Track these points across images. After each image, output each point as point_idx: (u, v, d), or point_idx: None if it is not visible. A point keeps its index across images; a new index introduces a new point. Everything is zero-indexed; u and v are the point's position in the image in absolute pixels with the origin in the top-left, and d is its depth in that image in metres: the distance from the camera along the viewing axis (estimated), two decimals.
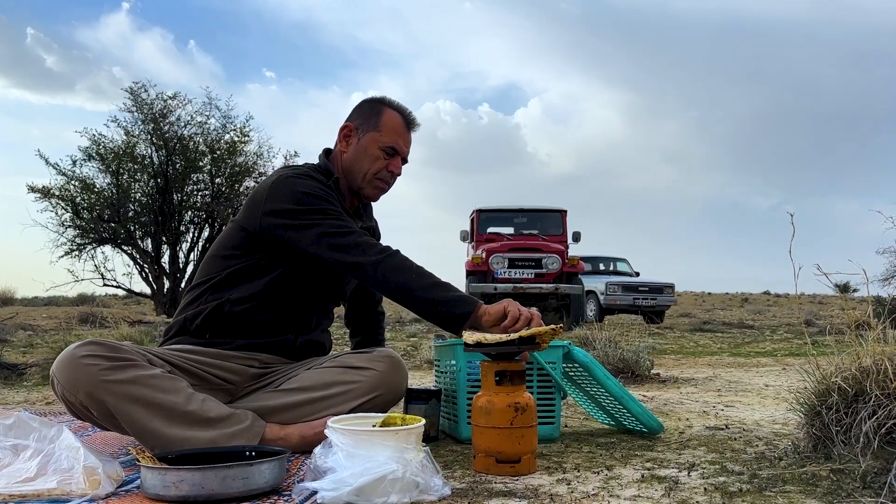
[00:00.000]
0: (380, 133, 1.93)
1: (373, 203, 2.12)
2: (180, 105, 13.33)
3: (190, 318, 1.88)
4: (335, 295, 2.03)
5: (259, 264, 1.86)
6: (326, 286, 1.95)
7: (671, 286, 13.12)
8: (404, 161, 2.01)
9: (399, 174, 2.00)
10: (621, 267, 14.74)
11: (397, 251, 1.76)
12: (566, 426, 2.25)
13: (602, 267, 14.68)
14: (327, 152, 2.02)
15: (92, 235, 13.10)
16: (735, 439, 2.00)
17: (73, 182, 12.87)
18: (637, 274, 14.28)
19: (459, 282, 10.86)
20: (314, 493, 1.31)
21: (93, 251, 13.28)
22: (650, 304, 12.69)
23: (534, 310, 1.68)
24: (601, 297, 12.65)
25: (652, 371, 3.68)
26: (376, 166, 1.94)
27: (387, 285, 1.73)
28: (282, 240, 1.81)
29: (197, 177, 13.51)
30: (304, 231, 1.78)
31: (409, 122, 2.00)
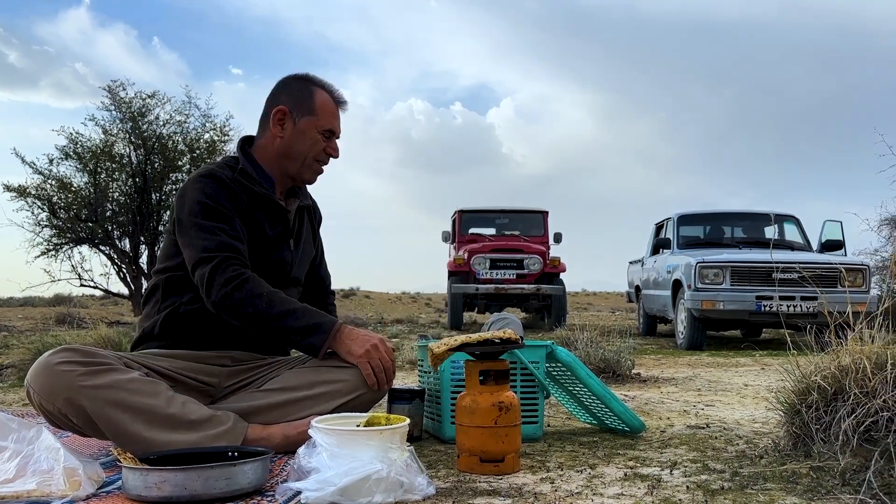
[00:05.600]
0: (317, 117, 1.91)
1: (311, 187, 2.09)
2: (159, 104, 13.24)
3: (148, 328, 1.87)
4: (286, 281, 1.95)
5: None
6: (272, 273, 1.88)
7: (862, 270, 6.14)
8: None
9: (337, 156, 1.98)
10: (787, 232, 7.62)
11: (247, 279, 1.74)
12: (549, 425, 2.26)
13: (742, 233, 7.83)
14: (246, 140, 1.99)
15: (69, 235, 12.96)
16: (716, 438, 2.01)
17: (49, 181, 12.71)
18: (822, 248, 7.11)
19: (441, 283, 10.87)
20: (298, 493, 1.30)
21: (70, 251, 13.15)
22: (795, 310, 5.86)
23: (382, 338, 1.78)
24: (686, 294, 6.39)
25: (633, 371, 3.70)
26: (315, 150, 1.93)
27: (238, 318, 1.75)
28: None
29: (176, 176, 13.41)
30: (185, 249, 1.81)
31: (338, 102, 1.97)
